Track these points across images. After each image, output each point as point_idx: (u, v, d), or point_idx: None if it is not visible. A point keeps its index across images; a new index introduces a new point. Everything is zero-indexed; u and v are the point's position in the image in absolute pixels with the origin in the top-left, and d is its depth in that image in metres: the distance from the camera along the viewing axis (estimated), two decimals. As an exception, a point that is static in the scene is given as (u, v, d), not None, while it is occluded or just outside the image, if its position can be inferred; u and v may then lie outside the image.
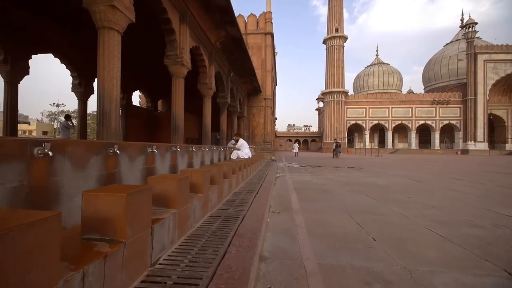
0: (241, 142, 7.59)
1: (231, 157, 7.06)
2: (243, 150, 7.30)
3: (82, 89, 8.57)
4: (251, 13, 16.68)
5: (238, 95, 13.11)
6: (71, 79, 8.62)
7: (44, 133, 52.97)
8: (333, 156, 22.15)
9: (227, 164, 4.23)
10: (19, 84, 7.13)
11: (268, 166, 10.80)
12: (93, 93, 9.07)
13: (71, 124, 8.03)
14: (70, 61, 8.26)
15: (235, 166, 4.81)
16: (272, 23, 16.65)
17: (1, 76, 6.84)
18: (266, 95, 16.84)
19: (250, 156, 7.38)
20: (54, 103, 45.57)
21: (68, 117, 8.20)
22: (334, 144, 23.06)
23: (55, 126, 49.07)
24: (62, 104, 46.31)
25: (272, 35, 16.79)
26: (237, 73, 11.90)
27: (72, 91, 8.58)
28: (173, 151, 3.72)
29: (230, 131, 13.75)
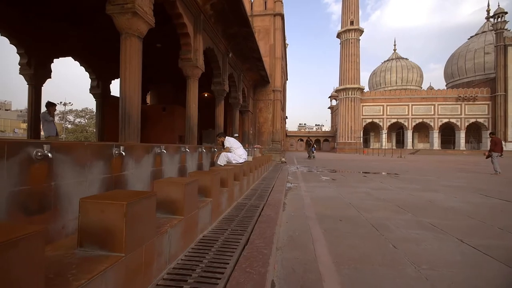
0: (229, 140, 5.11)
1: (218, 163, 4.75)
2: (236, 151, 4.89)
3: (32, 71, 6.54)
4: (258, -8, 14.36)
5: (241, 85, 10.85)
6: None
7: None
8: (308, 157, 20.02)
9: (190, 180, 2.00)
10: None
11: (277, 171, 8.52)
12: (50, 77, 7.05)
13: (50, 117, 5.69)
14: (16, 36, 6.26)
15: (212, 182, 2.58)
16: (282, 2, 14.26)
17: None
18: (275, 87, 14.46)
19: (247, 159, 5.06)
20: (61, 102, 44.49)
21: (51, 105, 5.75)
22: (308, 143, 21.68)
23: (63, 125, 48.29)
24: (69, 103, 45.21)
25: (282, 16, 14.36)
26: (239, 55, 9.65)
27: (20, 73, 6.57)
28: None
29: (232, 128, 11.55)
